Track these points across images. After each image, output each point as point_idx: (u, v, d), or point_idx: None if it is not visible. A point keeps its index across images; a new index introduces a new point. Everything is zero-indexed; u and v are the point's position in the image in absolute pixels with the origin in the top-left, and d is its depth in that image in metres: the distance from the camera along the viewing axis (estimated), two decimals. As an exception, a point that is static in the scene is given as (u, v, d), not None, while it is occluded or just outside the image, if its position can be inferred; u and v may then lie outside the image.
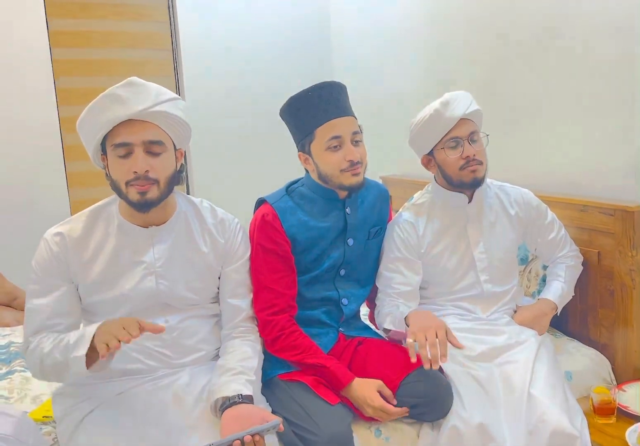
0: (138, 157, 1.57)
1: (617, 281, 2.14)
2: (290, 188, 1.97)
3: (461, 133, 1.97)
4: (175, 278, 1.72)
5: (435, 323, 1.71)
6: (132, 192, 1.59)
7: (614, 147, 2.23)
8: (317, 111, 1.82)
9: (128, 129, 1.57)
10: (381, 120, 3.77)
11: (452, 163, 1.99)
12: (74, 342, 1.53)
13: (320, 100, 1.82)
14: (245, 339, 1.77)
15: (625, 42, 2.12)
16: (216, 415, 1.56)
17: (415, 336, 1.68)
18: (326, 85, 1.85)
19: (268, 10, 4.25)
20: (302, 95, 1.85)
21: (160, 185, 1.61)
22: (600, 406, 1.89)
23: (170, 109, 1.61)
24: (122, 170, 1.58)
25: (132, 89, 1.59)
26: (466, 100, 1.98)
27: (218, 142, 4.19)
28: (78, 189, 3.98)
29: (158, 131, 1.61)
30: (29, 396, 2.03)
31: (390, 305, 1.98)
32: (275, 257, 1.85)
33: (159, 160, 1.60)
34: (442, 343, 1.66)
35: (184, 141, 1.72)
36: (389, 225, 2.11)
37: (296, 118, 1.88)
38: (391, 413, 1.70)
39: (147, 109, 1.57)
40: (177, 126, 1.65)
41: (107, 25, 3.97)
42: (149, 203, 1.61)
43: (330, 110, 1.82)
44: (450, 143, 1.98)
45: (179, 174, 1.70)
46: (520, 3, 2.57)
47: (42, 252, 1.65)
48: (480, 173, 2.00)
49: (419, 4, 3.28)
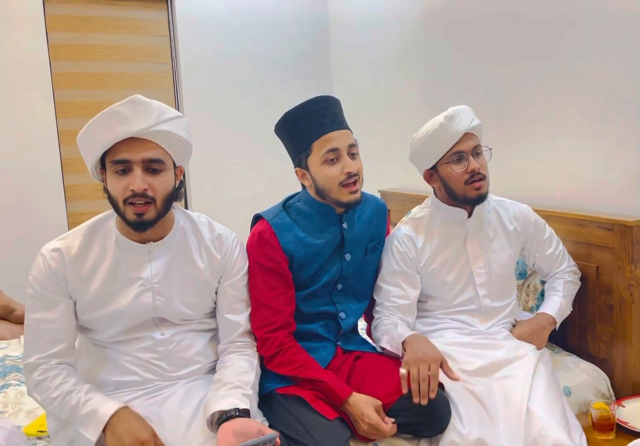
0: (137, 175, 1.56)
1: (616, 296, 2.14)
2: (287, 204, 1.97)
3: (465, 148, 1.97)
4: (172, 294, 1.71)
5: (431, 356, 1.72)
6: (129, 211, 1.58)
7: (613, 161, 2.23)
8: (312, 125, 1.82)
9: (128, 147, 1.56)
10: (379, 134, 3.79)
11: (457, 178, 1.99)
12: (85, 415, 1.52)
13: (316, 115, 1.82)
14: (242, 354, 1.76)
15: (625, 58, 2.14)
16: (212, 429, 1.55)
17: (408, 366, 1.71)
18: (321, 100, 1.85)
19: (267, 25, 4.29)
20: (297, 111, 1.85)
21: (157, 204, 1.59)
22: (599, 422, 1.87)
23: (172, 128, 1.60)
24: (120, 187, 1.57)
25: (135, 106, 1.57)
26: (469, 114, 1.99)
27: (217, 156, 4.20)
28: (75, 202, 3.98)
29: (158, 150, 1.60)
30: (24, 411, 2.01)
31: (388, 322, 1.97)
32: (272, 274, 1.85)
33: (157, 178, 1.59)
34: (433, 378, 1.68)
35: (184, 159, 1.71)
36: (388, 239, 2.11)
37: (292, 134, 1.87)
38: (384, 433, 1.69)
39: (148, 127, 1.55)
40: (178, 145, 1.64)
41: (107, 38, 4.01)
42: (145, 224, 1.60)
43: (325, 123, 1.82)
44: (455, 157, 1.98)
45: (178, 191, 1.69)
46: (517, 17, 2.59)
47: (39, 268, 1.64)
48: (484, 190, 2.00)
49: (417, 18, 3.30)
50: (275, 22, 4.30)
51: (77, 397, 1.55)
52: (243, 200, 4.10)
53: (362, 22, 3.93)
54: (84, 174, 1.65)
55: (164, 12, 4.13)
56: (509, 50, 2.67)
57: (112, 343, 1.70)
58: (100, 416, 1.50)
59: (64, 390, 1.57)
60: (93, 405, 1.53)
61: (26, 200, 3.75)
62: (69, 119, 3.89)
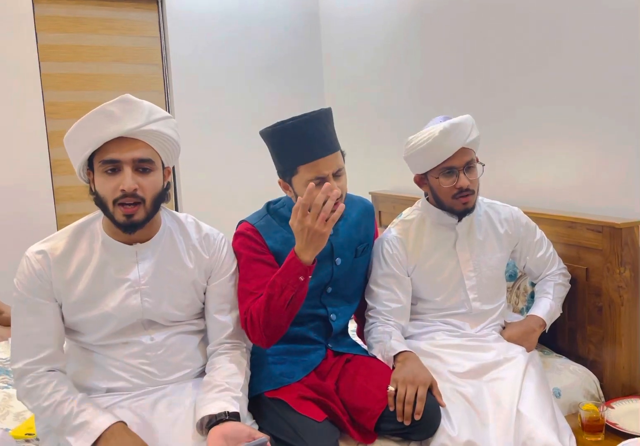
0: (126, 174, 1.54)
1: (605, 298, 2.15)
2: (272, 209, 1.95)
3: (457, 163, 1.94)
4: (160, 296, 1.70)
5: (420, 379, 1.73)
6: (118, 212, 1.57)
7: (602, 164, 2.24)
8: (301, 149, 1.73)
9: (118, 146, 1.55)
10: (371, 136, 3.79)
11: (446, 192, 1.98)
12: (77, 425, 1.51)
13: (305, 137, 1.72)
14: (231, 355, 1.75)
15: (619, 63, 2.15)
16: (202, 433, 1.54)
17: (396, 385, 1.72)
18: (313, 120, 1.74)
19: (258, 25, 4.29)
20: (286, 129, 1.75)
21: (146, 205, 1.58)
22: (588, 423, 1.88)
23: (161, 127, 1.59)
24: (109, 187, 1.56)
25: (126, 106, 1.56)
26: (467, 129, 1.93)
27: (207, 157, 4.19)
28: (64, 203, 3.96)
29: (148, 149, 1.59)
30: (12, 413, 2.00)
31: (382, 330, 1.97)
32: (260, 263, 1.82)
33: (147, 178, 1.58)
34: (420, 401, 1.68)
35: (172, 159, 1.71)
36: (377, 241, 2.11)
37: (279, 150, 1.80)
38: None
39: (139, 127, 1.55)
40: (168, 145, 1.64)
41: (97, 39, 3.99)
42: (135, 225, 1.59)
43: (314, 148, 1.73)
44: (445, 171, 1.96)
45: (166, 192, 1.68)
46: (513, 19, 2.60)
47: (24, 270, 1.62)
48: (472, 204, 1.99)
49: (409, 20, 3.31)
50: (266, 22, 4.30)
51: (70, 407, 1.54)
52: (233, 201, 4.09)
53: (353, 20, 3.92)
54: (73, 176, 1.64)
55: (155, 13, 4.11)
56: (502, 51, 2.67)
57: (100, 348, 1.68)
58: (93, 429, 1.49)
59: (56, 399, 1.55)
60: (86, 417, 1.52)
61: (15, 201, 3.73)
62: (58, 120, 3.87)
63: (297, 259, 1.66)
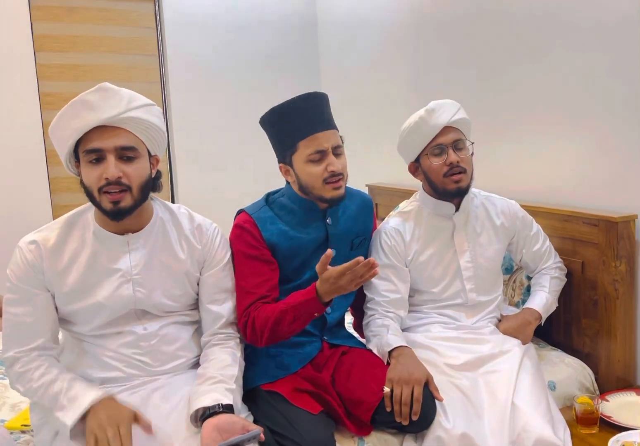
0: (110, 163, 1.54)
1: (601, 291, 2.15)
2: (271, 199, 1.96)
3: (445, 141, 1.97)
4: (153, 286, 1.70)
5: (416, 377, 1.72)
6: (104, 200, 1.56)
7: (598, 157, 2.24)
8: (300, 124, 1.80)
9: (99, 135, 1.54)
10: (367, 128, 3.78)
11: (436, 170, 1.99)
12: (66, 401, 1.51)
13: (304, 113, 1.80)
14: (225, 346, 1.75)
15: (608, 57, 2.14)
16: (196, 425, 1.54)
17: (392, 384, 1.72)
18: (310, 97, 1.83)
19: (255, 18, 4.27)
20: (285, 107, 1.82)
21: (133, 192, 1.58)
22: (583, 416, 1.88)
23: (142, 114, 1.58)
24: (93, 176, 1.55)
25: (103, 94, 1.55)
26: (452, 108, 1.99)
27: (204, 149, 4.18)
28: (60, 194, 3.95)
29: (130, 137, 1.58)
30: (8, 404, 2.00)
31: (381, 323, 1.97)
32: (257, 261, 1.83)
33: (131, 166, 1.57)
34: (416, 401, 1.68)
35: (158, 147, 1.69)
36: (376, 233, 2.11)
37: (278, 130, 1.86)
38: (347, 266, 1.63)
39: (118, 114, 1.53)
40: (151, 132, 1.62)
41: (93, 30, 3.96)
42: (122, 212, 1.58)
43: (313, 123, 1.80)
44: (435, 150, 1.98)
45: (155, 181, 1.68)
46: (507, 13, 2.59)
47: (17, 261, 1.62)
48: (464, 183, 2.00)
49: (405, 14, 3.30)
50: (263, 15, 4.28)
51: (60, 386, 1.54)
52: (231, 194, 4.08)
53: (350, 18, 3.91)
54: (69, 166, 1.64)
55: (151, 4, 4.08)
56: (496, 48, 2.66)
57: (93, 338, 1.68)
58: (81, 402, 1.49)
59: (47, 379, 1.56)
60: (76, 392, 1.52)
61: (10, 192, 3.71)
62: (53, 111, 3.80)
63: (317, 299, 1.69)
